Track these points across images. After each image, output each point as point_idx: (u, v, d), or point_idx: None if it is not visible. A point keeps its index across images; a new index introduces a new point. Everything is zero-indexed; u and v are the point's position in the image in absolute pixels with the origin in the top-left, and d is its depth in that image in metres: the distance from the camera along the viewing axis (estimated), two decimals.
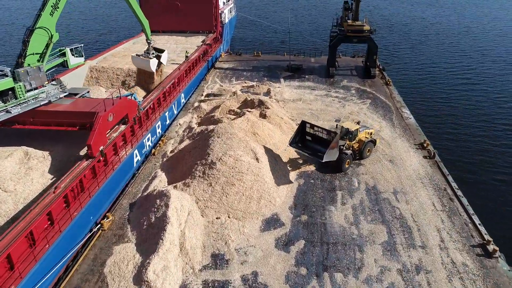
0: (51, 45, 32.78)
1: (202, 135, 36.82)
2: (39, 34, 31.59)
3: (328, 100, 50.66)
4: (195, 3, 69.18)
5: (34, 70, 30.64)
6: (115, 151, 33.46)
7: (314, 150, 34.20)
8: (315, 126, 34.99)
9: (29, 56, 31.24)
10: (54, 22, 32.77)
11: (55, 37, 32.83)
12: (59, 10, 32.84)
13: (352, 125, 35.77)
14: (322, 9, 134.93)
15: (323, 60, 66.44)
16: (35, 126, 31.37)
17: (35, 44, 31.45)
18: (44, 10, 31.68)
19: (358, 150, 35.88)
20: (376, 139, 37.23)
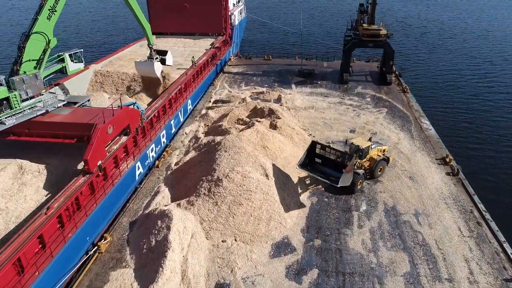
0: (49, 51, 30.90)
1: (209, 147, 34.60)
2: (36, 40, 29.73)
3: (342, 108, 48.10)
4: (204, 5, 67.00)
5: (30, 78, 28.75)
6: (115, 164, 31.44)
7: (325, 173, 31.35)
8: (326, 147, 32.29)
9: (25, 63, 29.40)
10: (52, 26, 30.91)
11: (53, 42, 30.96)
12: (56, 14, 30.96)
13: (363, 142, 32.82)
14: (335, 11, 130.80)
15: (336, 65, 63.78)
16: (31, 137, 29.46)
17: (31, 50, 29.60)
18: (40, 13, 29.84)
19: (369, 169, 32.99)
20: (389, 157, 34.40)
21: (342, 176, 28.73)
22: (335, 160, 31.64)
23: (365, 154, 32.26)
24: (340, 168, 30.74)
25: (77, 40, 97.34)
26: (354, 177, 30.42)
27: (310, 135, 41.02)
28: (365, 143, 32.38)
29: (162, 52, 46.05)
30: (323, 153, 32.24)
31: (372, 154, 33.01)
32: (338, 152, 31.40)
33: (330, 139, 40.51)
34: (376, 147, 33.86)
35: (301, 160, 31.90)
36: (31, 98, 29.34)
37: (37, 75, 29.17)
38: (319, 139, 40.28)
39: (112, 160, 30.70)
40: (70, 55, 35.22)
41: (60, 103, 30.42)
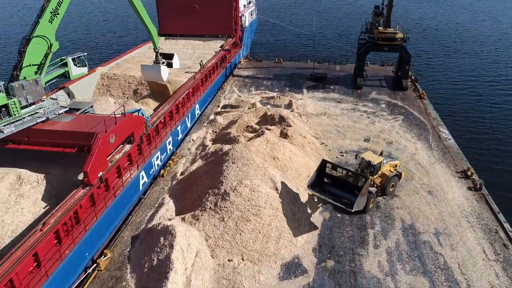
0: (50, 55, 29.63)
1: (216, 157, 33.00)
2: (37, 44, 28.45)
3: (356, 115, 46.12)
4: (213, 6, 65.54)
5: (30, 84, 27.48)
6: (118, 174, 30.03)
7: (336, 195, 28.65)
8: (338, 166, 29.66)
9: (26, 68, 28.13)
10: (54, 29, 29.62)
11: (55, 46, 29.67)
12: (59, 17, 29.66)
13: (375, 157, 30.49)
14: (349, 12, 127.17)
15: (349, 69, 61.75)
16: (30, 146, 28.18)
17: (32, 54, 28.33)
18: (42, 16, 28.55)
19: (381, 186, 30.79)
20: (402, 173, 32.19)
21: (357, 200, 26.28)
22: (346, 179, 29.27)
23: (377, 170, 30.01)
24: (351, 188, 28.39)
25: (87, 41, 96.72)
26: (367, 196, 28.39)
27: (322, 144, 39.21)
28: (376, 159, 30.13)
29: (169, 56, 44.55)
30: (334, 173, 29.71)
31: (384, 169, 30.89)
32: (350, 173, 28.96)
33: (343, 148, 38.65)
34: (388, 161, 31.70)
35: (310, 180, 28.92)
36: (31, 105, 28.08)
37: (37, 80, 27.90)
38: (331, 148, 38.59)
39: (114, 170, 29.29)
40: (73, 59, 33.97)
41: (61, 109, 29.12)
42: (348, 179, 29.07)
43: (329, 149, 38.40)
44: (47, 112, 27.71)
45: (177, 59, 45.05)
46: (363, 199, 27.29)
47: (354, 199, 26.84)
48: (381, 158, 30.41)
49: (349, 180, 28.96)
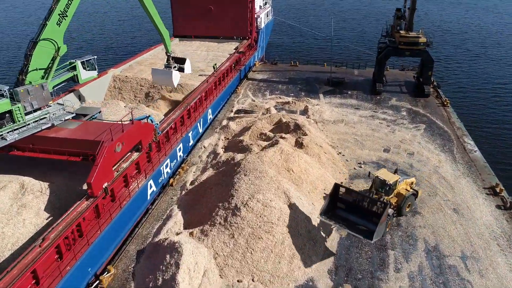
0: (58, 59, 28.53)
1: (227, 167, 31.47)
2: (44, 47, 27.37)
3: (375, 123, 44.00)
4: (229, 7, 64.12)
5: (36, 88, 26.40)
6: (125, 183, 28.75)
7: (350, 221, 25.80)
8: (352, 191, 26.71)
9: (32, 72, 27.07)
10: (62, 32, 28.51)
11: (63, 49, 28.55)
12: (67, 19, 28.52)
13: (390, 175, 27.92)
14: (368, 14, 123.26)
15: (368, 73, 59.59)
16: (34, 153, 27.11)
17: (38, 58, 27.26)
18: (50, 19, 27.44)
19: (396, 206, 28.26)
20: (418, 191, 29.73)
21: (377, 229, 23.63)
22: (360, 203, 26.24)
23: (392, 190, 27.58)
24: (367, 212, 25.60)
25: (101, 41, 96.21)
26: None
27: (340, 154, 37.30)
28: (392, 177, 27.56)
29: (181, 60, 43.15)
30: (348, 198, 26.63)
31: (400, 188, 28.56)
32: (367, 198, 26.05)
33: (361, 159, 36.67)
34: (404, 179, 29.11)
35: (323, 208, 25.85)
36: (37, 111, 27.00)
37: (43, 85, 26.80)
38: (349, 158, 36.66)
39: (121, 179, 28.02)
40: (82, 63, 32.92)
41: (68, 115, 27.98)
42: (362, 203, 26.08)
43: (347, 160, 36.47)
44: (52, 118, 26.59)
45: (189, 64, 43.67)
46: (383, 227, 24.91)
47: (371, 225, 24.56)
48: (396, 177, 27.84)
49: (364, 204, 25.99)
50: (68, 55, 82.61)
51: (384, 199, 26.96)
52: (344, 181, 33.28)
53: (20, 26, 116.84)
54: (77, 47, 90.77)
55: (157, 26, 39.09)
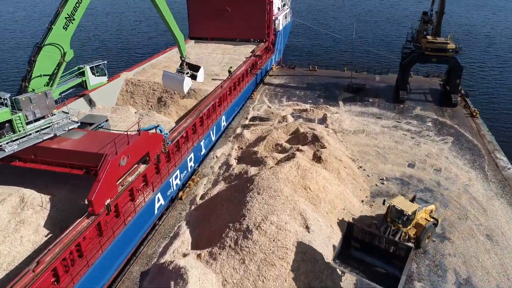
0: (64, 65, 27.00)
1: (240, 181, 29.49)
2: (49, 52, 25.86)
3: (398, 134, 41.34)
4: (246, 9, 62.14)
5: (39, 97, 24.88)
6: (131, 197, 27.01)
7: (366, 263, 22.77)
8: (368, 232, 23.21)
9: (35, 79, 25.59)
10: (69, 36, 26.97)
11: (69, 54, 27.01)
12: (75, 23, 26.96)
13: (407, 203, 25.00)
14: (391, 16, 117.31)
15: (390, 79, 56.77)
16: (36, 164, 25.62)
17: (43, 64, 25.77)
18: (55, 23, 25.90)
19: (415, 238, 25.33)
20: (438, 219, 26.71)
21: (402, 278, 20.63)
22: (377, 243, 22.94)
23: (411, 220, 24.83)
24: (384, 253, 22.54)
25: (115, 43, 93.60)
26: None
27: (360, 168, 34.89)
28: (410, 206, 24.67)
29: (195, 67, 41.31)
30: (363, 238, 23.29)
31: (419, 218, 25.66)
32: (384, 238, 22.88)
33: (383, 174, 34.19)
34: (423, 207, 26.11)
35: (336, 252, 22.80)
36: (39, 120, 25.49)
37: (47, 93, 25.27)
38: (370, 173, 34.22)
39: (126, 193, 26.29)
40: (91, 68, 31.41)
41: (72, 125, 26.38)
42: (380, 243, 22.78)
43: (368, 175, 34.03)
44: (55, 128, 25.04)
45: (202, 73, 41.89)
46: (407, 270, 21.88)
47: (391, 268, 21.98)
48: (415, 206, 24.92)
49: (381, 243, 22.70)
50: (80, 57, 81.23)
51: (402, 232, 24.40)
52: (365, 199, 30.93)
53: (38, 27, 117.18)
54: (90, 48, 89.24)
55: (171, 29, 37.36)
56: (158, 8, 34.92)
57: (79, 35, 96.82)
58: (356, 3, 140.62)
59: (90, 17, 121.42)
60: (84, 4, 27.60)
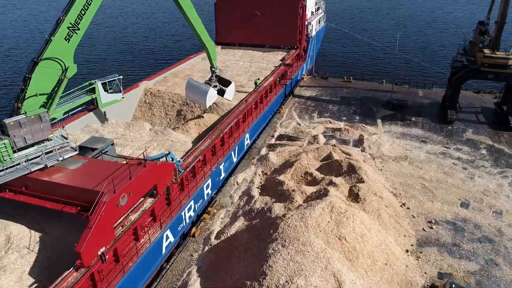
0: (65, 82, 23.46)
1: (262, 223, 25.09)
2: (47, 68, 22.36)
3: (447, 163, 35.78)
4: (277, 13, 57.67)
5: (31, 120, 21.46)
6: (135, 236, 23.20)
7: None
8: None
9: (30, 99, 22.11)
10: (72, 49, 23.41)
11: (72, 70, 23.43)
12: (79, 33, 23.38)
13: None
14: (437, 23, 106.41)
15: (434, 95, 50.91)
16: (26, 197, 22.22)
17: (39, 81, 22.29)
18: (56, 33, 22.33)
19: None
20: None
21: None
22: None
23: None
24: None
25: (137, 48, 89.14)
26: None
27: (403, 206, 29.76)
28: None
29: (225, 82, 37.37)
30: None
31: None
32: None
33: (432, 215, 28.97)
34: None
35: None
36: (33, 145, 22.04)
37: (41, 116, 21.75)
38: (416, 213, 29.11)
39: (129, 234, 22.48)
40: (103, 84, 27.79)
41: (69, 153, 22.71)
42: None
43: (413, 215, 28.89)
44: (45, 158, 21.42)
45: (232, 90, 38.14)
46: None
47: None
48: None
49: None
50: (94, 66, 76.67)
51: None
52: (410, 247, 25.86)
53: None
54: (106, 55, 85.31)
55: (200, 36, 33.55)
56: (184, 13, 31.18)
57: (93, 40, 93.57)
58: (395, 6, 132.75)
59: (108, 19, 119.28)
60: (92, 10, 24.01)
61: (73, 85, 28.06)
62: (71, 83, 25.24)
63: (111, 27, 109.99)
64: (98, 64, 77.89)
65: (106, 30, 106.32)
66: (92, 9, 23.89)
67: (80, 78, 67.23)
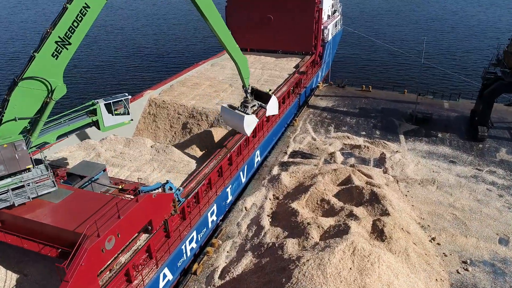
0: (52, 104, 20.25)
1: (272, 264, 21.85)
2: (28, 88, 19.34)
3: (481, 189, 31.99)
4: (292, 17, 54.40)
5: (3, 149, 18.38)
6: (127, 278, 20.25)
7: None
8: None
9: (8, 123, 19.16)
10: (61, 67, 20.04)
11: (60, 91, 20.06)
12: (71, 48, 19.95)
13: None
14: (465, 28, 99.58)
15: (462, 107, 46.97)
16: (2, 235, 19.35)
17: (19, 104, 19.31)
18: (40, 49, 19.23)
19: None
20: None
21: None
22: None
23: None
24: None
25: (148, 52, 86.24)
26: None
27: (433, 241, 26.19)
28: None
29: (263, 95, 32.56)
30: None
31: None
32: None
33: (466, 253, 25.37)
34: None
35: None
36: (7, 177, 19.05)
37: (16, 144, 18.70)
38: (447, 250, 25.60)
39: (121, 276, 19.53)
40: (107, 105, 23.91)
41: (45, 190, 19.40)
42: None
43: (444, 253, 25.31)
44: (12, 196, 18.28)
45: (274, 104, 33.12)
46: None
47: None
48: None
49: None
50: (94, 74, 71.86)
51: None
52: None
53: None
54: (109, 61, 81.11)
55: (230, 51, 28.76)
56: (211, 25, 26.72)
57: (94, 45, 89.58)
58: (415, 7, 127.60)
59: (111, 22, 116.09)
60: (87, 22, 20.32)
61: (73, 98, 24.34)
62: (71, 98, 22.00)
63: (114, 31, 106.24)
64: (99, 71, 74.57)
65: (109, 34, 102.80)
66: (86, 21, 20.28)
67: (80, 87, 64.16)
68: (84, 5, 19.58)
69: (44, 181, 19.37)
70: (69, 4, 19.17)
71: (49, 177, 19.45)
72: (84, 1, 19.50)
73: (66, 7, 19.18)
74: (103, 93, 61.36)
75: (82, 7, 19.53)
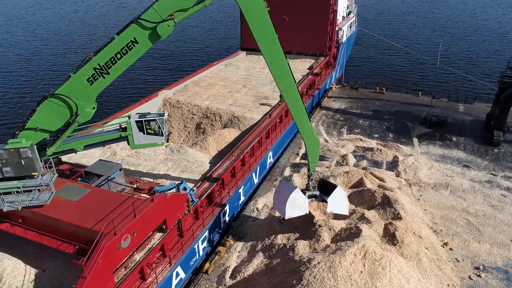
0: (74, 126, 20.20)
1: (283, 266, 22.11)
2: (55, 104, 19.55)
3: (495, 194, 31.68)
4: (306, 18, 54.49)
5: (9, 152, 18.75)
6: (141, 276, 20.74)
7: None
8: None
9: (27, 131, 19.60)
10: (95, 93, 19.78)
11: (85, 115, 19.90)
12: (108, 78, 19.49)
13: None
14: (483, 31, 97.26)
15: (477, 110, 46.45)
16: (23, 231, 20.07)
17: (44, 117, 19.63)
18: (77, 71, 19.07)
19: None
20: None
21: None
22: None
23: None
24: None
25: (164, 52, 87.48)
26: None
27: (445, 246, 26.09)
28: None
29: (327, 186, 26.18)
30: None
31: None
32: None
33: (479, 259, 25.19)
34: None
35: None
36: (15, 179, 19.37)
37: (21, 150, 18.66)
38: (460, 256, 25.46)
39: (135, 273, 20.01)
40: (139, 122, 22.10)
41: (42, 199, 19.57)
42: None
43: (457, 259, 25.18)
44: (19, 200, 18.66)
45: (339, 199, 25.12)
46: None
47: None
48: None
49: None
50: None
51: None
52: None
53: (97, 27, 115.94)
54: None
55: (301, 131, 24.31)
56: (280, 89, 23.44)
57: None
58: (431, 9, 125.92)
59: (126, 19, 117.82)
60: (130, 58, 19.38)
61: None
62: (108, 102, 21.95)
63: None
64: None
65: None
66: (131, 56, 19.23)
67: None
68: (133, 40, 18.94)
69: (45, 191, 19.46)
70: (118, 35, 18.77)
71: (50, 188, 19.42)
72: (134, 36, 18.84)
73: (114, 37, 18.80)
74: (119, 93, 62.40)
75: (130, 41, 18.90)
